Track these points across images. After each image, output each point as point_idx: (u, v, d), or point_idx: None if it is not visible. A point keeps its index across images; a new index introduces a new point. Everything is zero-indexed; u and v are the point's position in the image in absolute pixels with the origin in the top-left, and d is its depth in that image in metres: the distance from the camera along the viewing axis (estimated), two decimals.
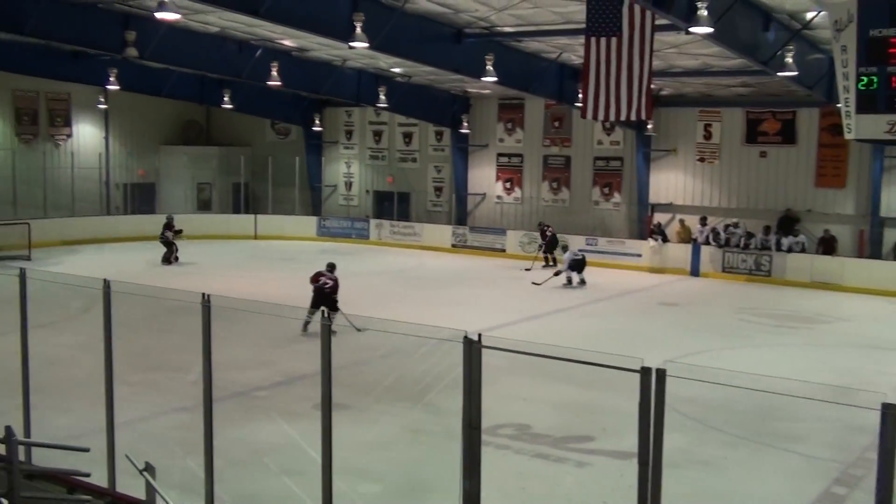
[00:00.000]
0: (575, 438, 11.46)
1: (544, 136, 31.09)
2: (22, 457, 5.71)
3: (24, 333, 9.61)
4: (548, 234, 27.64)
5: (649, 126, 27.57)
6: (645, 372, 5.41)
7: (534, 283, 23.78)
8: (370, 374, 13.62)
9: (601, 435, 11.50)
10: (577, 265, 23.92)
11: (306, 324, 15.58)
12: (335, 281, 16.54)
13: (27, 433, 9.10)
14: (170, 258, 26.70)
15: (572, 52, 22.54)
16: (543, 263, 26.92)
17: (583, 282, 23.81)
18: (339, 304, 15.81)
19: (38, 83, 30.52)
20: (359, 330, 14.09)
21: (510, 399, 12.44)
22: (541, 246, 27.61)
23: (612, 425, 11.60)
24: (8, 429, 5.54)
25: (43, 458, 8.50)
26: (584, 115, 16.91)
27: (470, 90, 30.82)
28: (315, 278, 16.44)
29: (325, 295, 16.04)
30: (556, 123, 30.71)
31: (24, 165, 30.92)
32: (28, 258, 25.47)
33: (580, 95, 16.81)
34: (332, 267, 16.85)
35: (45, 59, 26.43)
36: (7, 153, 30.77)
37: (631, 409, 5.52)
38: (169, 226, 27.22)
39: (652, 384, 5.43)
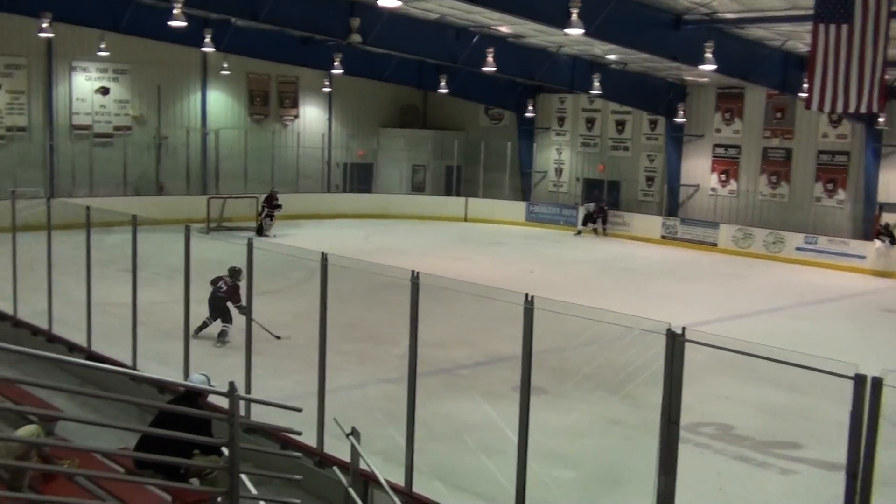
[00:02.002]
0: (780, 444, 11.02)
1: (765, 128, 29.75)
2: (242, 412, 6.16)
3: (249, 299, 10.33)
4: (605, 208, 31.50)
5: (881, 119, 25.76)
6: (859, 379, 5.16)
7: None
8: (570, 361, 13.63)
9: (809, 442, 10.99)
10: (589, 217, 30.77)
11: (203, 325, 14.09)
12: (231, 287, 14.27)
13: (248, 390, 9.79)
14: (261, 230, 27.28)
15: (798, 39, 21.43)
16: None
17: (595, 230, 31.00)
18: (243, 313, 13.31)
19: (271, 67, 32.40)
20: (277, 338, 13.76)
21: (714, 397, 12.12)
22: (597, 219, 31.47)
23: (822, 433, 11.06)
24: (231, 384, 5.97)
25: (260, 415, 9.13)
26: (808, 106, 16.02)
27: (687, 78, 29.97)
28: (214, 282, 14.39)
29: (218, 299, 14.34)
30: (778, 114, 29.32)
31: (254, 144, 32.98)
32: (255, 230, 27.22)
33: (805, 85, 15.98)
34: (234, 272, 14.34)
35: (277, 44, 28.03)
36: (240, 132, 32.92)
37: (843, 418, 5.28)
38: (269, 199, 28.07)
39: (866, 393, 5.17)
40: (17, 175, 26.77)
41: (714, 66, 20.74)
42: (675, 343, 6.13)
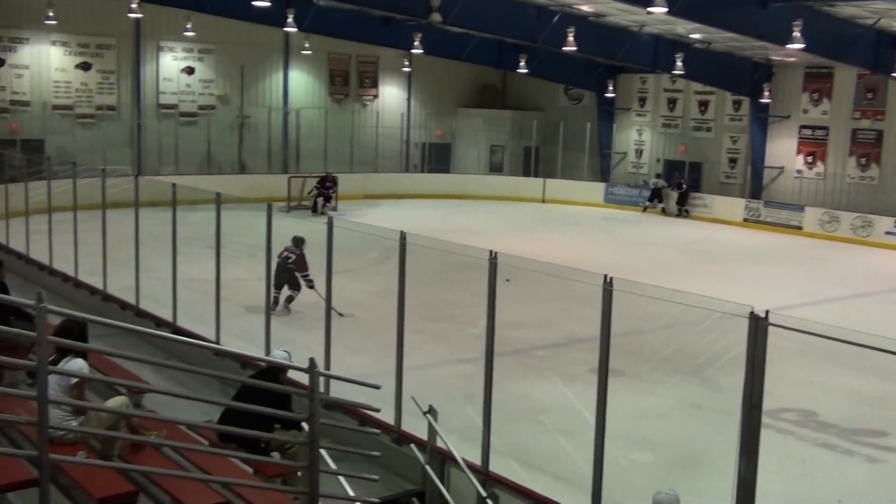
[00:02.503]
0: (867, 432, 10.74)
1: (854, 108, 28.81)
2: (321, 388, 6.25)
3: (329, 278, 10.45)
4: (684, 186, 31.19)
5: None
6: None
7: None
8: (649, 344, 13.48)
9: None
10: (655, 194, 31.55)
11: (275, 301, 14.18)
12: (298, 256, 14.53)
13: (327, 367, 9.92)
14: (315, 208, 27.62)
15: (892, 17, 20.72)
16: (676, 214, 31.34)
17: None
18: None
19: (351, 47, 32.59)
20: (340, 315, 12.91)
21: (797, 383, 11.86)
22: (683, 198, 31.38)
23: None
24: (311, 360, 6.05)
25: (339, 392, 9.24)
26: None
27: (773, 57, 29.20)
28: (280, 254, 14.25)
29: (287, 270, 14.48)
30: (869, 95, 28.36)
31: (334, 123, 33.29)
32: (335, 209, 27.54)
33: None
34: (297, 241, 14.63)
35: (358, 24, 28.16)
36: (321, 112, 33.27)
37: None
38: (322, 181, 28.24)
39: None
40: (106, 153, 27.53)
41: (802, 46, 20.14)
42: (759, 327, 6.01)
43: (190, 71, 30.67)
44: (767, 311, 5.95)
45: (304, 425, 6.83)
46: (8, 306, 8.92)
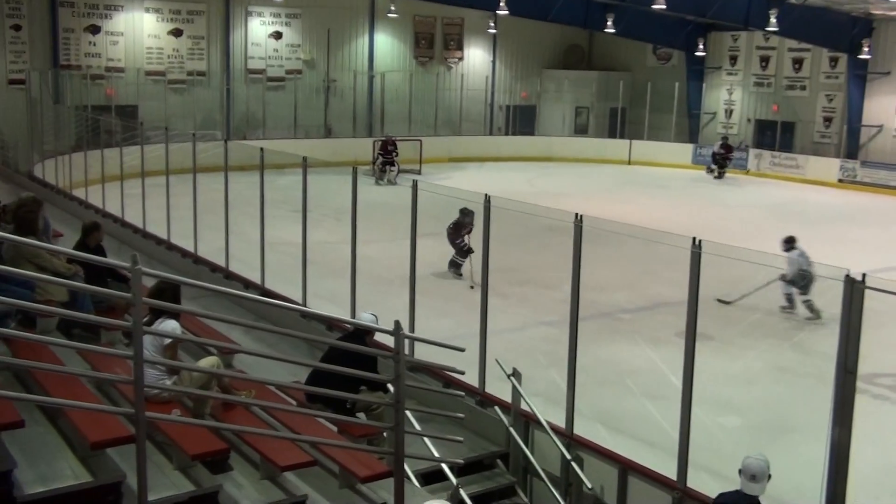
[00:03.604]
0: None
1: None
2: (406, 350, 6.30)
3: (414, 240, 10.48)
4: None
5: None
6: None
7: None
8: (738, 307, 13.21)
9: None
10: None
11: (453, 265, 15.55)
12: (451, 225, 15.36)
13: (412, 330, 9.99)
14: (380, 174, 27.19)
15: None
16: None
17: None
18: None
19: (436, 9, 32.46)
20: (472, 287, 13.64)
21: (893, 347, 11.48)
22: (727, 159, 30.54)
23: None
24: (396, 323, 6.10)
25: (423, 354, 9.31)
26: None
27: (874, 11, 28.00)
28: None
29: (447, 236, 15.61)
30: None
31: (419, 86, 33.31)
32: (419, 172, 27.57)
33: None
34: (463, 212, 15.22)
35: None
36: (405, 75, 33.29)
37: None
38: (384, 145, 27.76)
39: None
40: (196, 118, 28.10)
41: None
42: (854, 290, 5.84)
43: (277, 36, 31.01)
44: (864, 274, 5.77)
45: (390, 387, 6.90)
46: (105, 268, 9.21)
